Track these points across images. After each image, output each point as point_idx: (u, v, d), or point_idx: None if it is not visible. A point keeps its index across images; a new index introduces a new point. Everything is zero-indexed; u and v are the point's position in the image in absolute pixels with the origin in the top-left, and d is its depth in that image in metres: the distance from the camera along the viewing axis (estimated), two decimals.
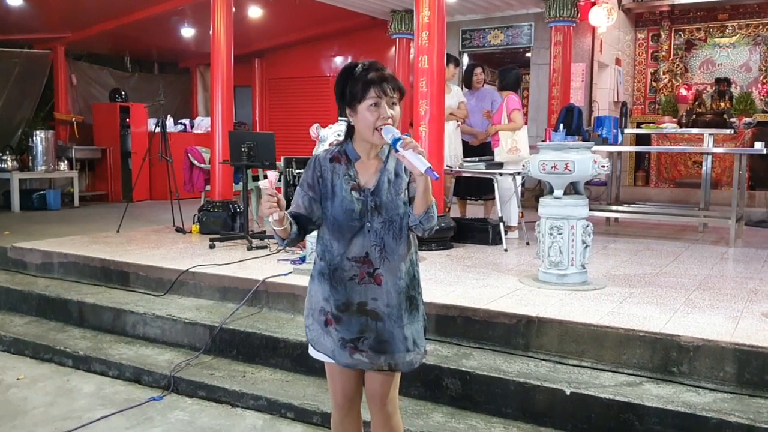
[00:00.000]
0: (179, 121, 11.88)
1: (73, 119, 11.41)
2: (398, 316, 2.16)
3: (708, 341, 3.13)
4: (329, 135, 4.51)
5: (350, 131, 2.19)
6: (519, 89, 6.81)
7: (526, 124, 6.99)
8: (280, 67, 12.85)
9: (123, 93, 11.74)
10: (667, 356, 3.21)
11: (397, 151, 1.98)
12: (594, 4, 8.98)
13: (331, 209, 2.14)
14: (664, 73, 10.85)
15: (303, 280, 4.31)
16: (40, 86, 11.16)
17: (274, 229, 2.12)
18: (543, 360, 3.41)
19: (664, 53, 10.87)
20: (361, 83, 2.06)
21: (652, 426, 2.88)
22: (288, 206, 2.16)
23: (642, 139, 9.85)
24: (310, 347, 2.28)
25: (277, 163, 6.26)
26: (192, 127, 11.91)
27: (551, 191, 4.32)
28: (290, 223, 2.13)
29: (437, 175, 1.96)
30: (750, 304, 3.83)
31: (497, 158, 6.33)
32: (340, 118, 4.40)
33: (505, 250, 5.66)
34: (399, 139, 1.99)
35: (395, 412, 2.31)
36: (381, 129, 2.04)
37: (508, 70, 6.62)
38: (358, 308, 2.15)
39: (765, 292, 4.16)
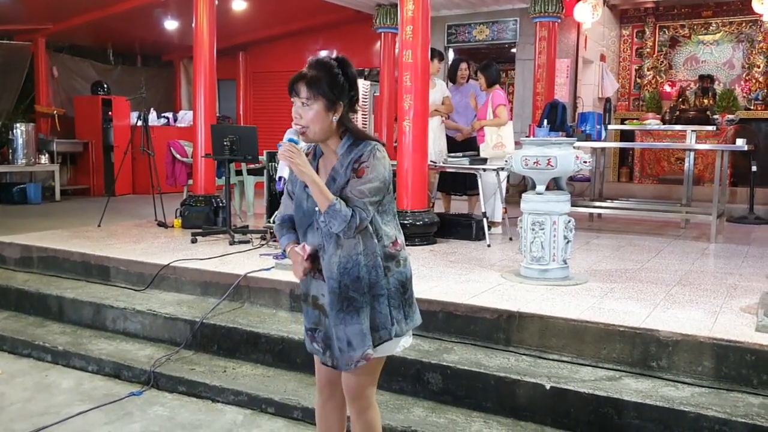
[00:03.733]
0: (162, 114, 11.79)
1: (55, 112, 11.28)
2: (333, 316, 2.16)
3: (687, 336, 3.15)
4: None
5: None
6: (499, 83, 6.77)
7: (511, 119, 6.99)
8: (264, 61, 12.78)
9: (105, 86, 11.63)
10: (646, 351, 3.22)
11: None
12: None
13: (294, 203, 2.24)
14: (648, 70, 10.91)
15: (285, 275, 4.29)
16: (20, 78, 11.03)
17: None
18: (523, 354, 3.42)
19: (648, 50, 10.93)
20: None
21: (630, 420, 2.90)
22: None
23: (626, 136, 9.90)
24: None
25: (260, 157, 6.23)
26: (175, 120, 11.81)
27: (534, 187, 4.33)
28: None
29: (280, 186, 2.10)
30: (729, 299, 3.86)
31: (483, 154, 6.33)
32: None
33: (488, 246, 5.67)
34: (281, 145, 2.05)
35: (368, 408, 2.29)
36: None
37: (488, 65, 6.58)
38: (313, 301, 2.24)
39: (744, 288, 4.19)
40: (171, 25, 10.97)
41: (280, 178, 2.03)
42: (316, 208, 2.12)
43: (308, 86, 2.07)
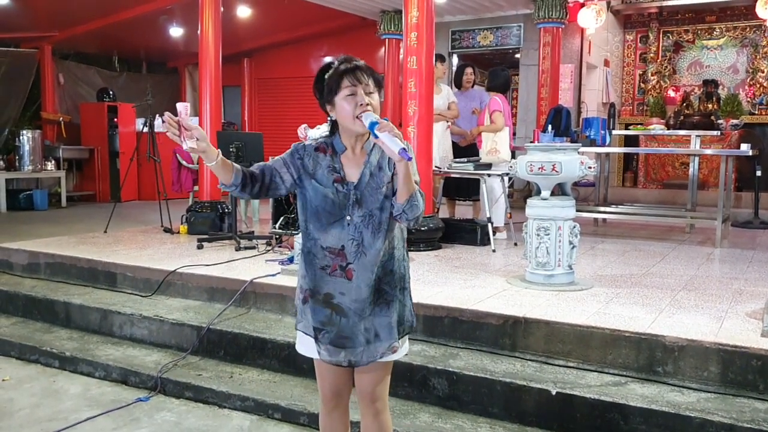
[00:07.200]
0: None
1: (61, 119, 11.36)
2: (362, 310, 2.12)
3: (692, 341, 3.15)
4: (317, 135, 4.51)
5: (333, 127, 2.18)
6: (507, 91, 6.79)
7: (514, 124, 7.00)
8: (269, 67, 12.84)
9: (111, 92, 11.70)
10: (652, 356, 3.23)
11: (375, 136, 1.96)
12: (583, 5, 9.03)
13: (310, 197, 2.14)
14: (652, 75, 10.93)
15: (291, 281, 4.30)
16: (26, 85, 11.11)
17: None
18: (529, 360, 3.43)
19: (652, 55, 10.95)
20: (335, 75, 2.07)
21: (636, 426, 2.90)
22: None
23: (630, 141, 9.92)
24: (297, 338, 2.28)
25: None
26: None
27: (538, 192, 4.34)
28: (236, 171, 2.11)
29: (410, 156, 1.94)
30: (734, 305, 3.86)
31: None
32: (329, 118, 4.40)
33: (493, 251, 5.67)
34: (376, 122, 1.97)
35: (384, 410, 2.31)
36: (361, 116, 2.02)
37: (498, 71, 6.61)
38: (324, 299, 2.14)
39: (749, 293, 4.19)
40: (176, 32, 11.04)
41: (403, 149, 1.90)
42: (349, 203, 2.09)
43: (372, 76, 2.10)
